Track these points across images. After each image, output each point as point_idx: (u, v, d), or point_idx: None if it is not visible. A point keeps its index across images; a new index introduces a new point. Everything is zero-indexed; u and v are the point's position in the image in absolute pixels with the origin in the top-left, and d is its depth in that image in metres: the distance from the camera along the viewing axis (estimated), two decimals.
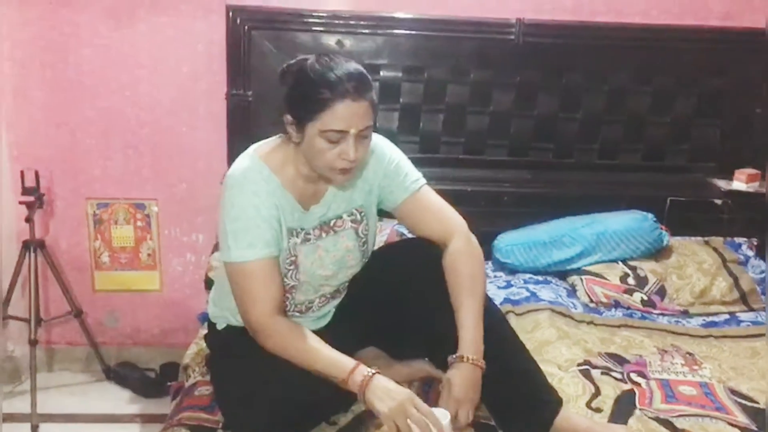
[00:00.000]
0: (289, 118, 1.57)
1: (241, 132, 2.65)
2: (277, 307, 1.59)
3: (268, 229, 1.58)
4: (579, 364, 1.94)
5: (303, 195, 1.67)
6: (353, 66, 1.53)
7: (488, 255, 2.66)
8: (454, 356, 1.56)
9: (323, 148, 1.52)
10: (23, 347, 2.75)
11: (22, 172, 2.61)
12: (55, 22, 2.64)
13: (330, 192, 1.70)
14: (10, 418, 2.64)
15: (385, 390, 1.46)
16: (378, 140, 1.74)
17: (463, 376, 1.54)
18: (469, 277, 1.65)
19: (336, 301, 1.80)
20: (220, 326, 1.79)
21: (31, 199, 2.61)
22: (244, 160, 1.64)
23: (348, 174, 1.59)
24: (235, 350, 1.68)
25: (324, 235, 1.70)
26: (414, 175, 1.77)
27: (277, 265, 1.61)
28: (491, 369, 1.56)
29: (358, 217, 1.75)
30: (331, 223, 1.71)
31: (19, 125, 2.73)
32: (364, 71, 1.54)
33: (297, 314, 1.73)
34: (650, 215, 2.59)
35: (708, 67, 2.77)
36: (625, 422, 1.67)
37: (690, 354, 2.08)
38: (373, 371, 1.49)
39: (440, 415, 1.47)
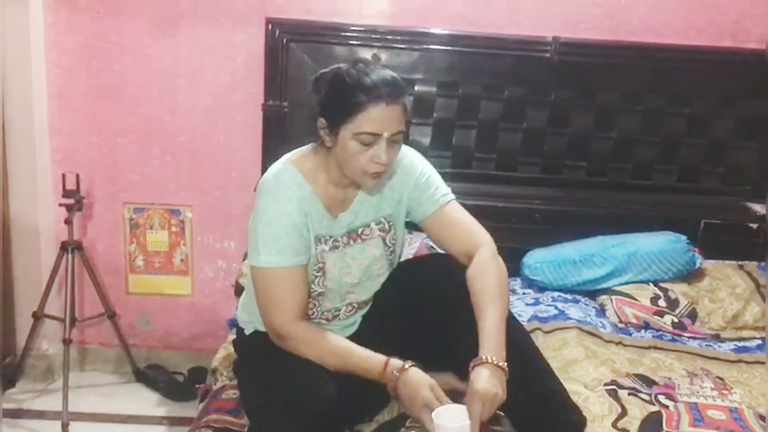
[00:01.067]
0: (323, 122, 1.61)
1: (277, 142, 2.69)
2: (301, 314, 1.63)
3: (298, 238, 1.61)
4: (606, 384, 1.93)
5: (332, 202, 1.70)
6: (388, 72, 1.59)
7: (517, 272, 2.67)
8: (475, 360, 1.54)
9: (356, 152, 1.56)
10: (57, 346, 2.80)
11: (63, 175, 2.68)
12: (102, 31, 2.72)
13: (358, 200, 1.73)
14: (42, 415, 2.70)
15: (414, 382, 1.50)
16: (409, 152, 1.78)
17: (485, 375, 1.50)
18: (494, 287, 1.65)
19: (363, 311, 1.82)
20: (248, 331, 1.82)
21: (71, 201, 2.68)
22: (278, 166, 1.69)
23: (379, 178, 1.62)
24: (261, 355, 1.70)
25: (352, 242, 1.72)
26: (443, 189, 1.79)
27: (304, 274, 1.64)
28: (513, 385, 1.55)
29: (386, 226, 1.77)
30: (359, 231, 1.73)
31: (63, 130, 2.81)
32: (398, 78, 1.59)
33: (324, 322, 1.75)
34: (683, 237, 2.57)
35: (745, 90, 2.74)
36: None
37: (720, 378, 2.05)
38: (410, 363, 1.52)
39: (461, 413, 1.47)
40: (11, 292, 2.83)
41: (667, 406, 1.85)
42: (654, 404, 1.86)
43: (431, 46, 2.71)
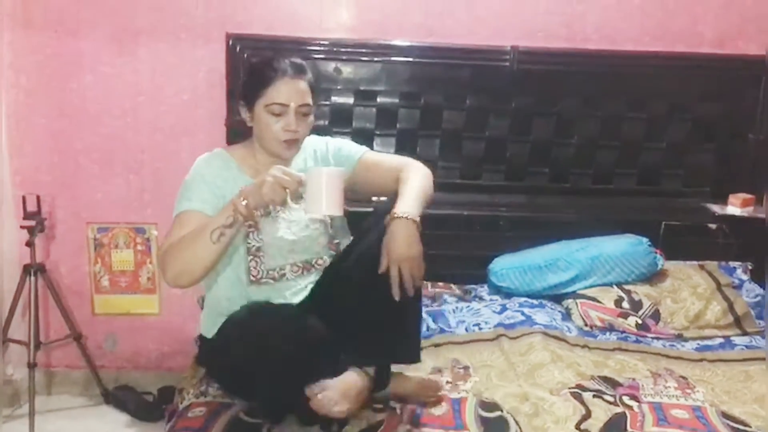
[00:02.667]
0: (242, 102, 1.86)
1: None
2: None
3: (207, 191, 1.78)
4: (570, 388, 1.95)
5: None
6: (294, 58, 1.84)
7: (484, 278, 2.70)
8: (388, 216, 1.69)
9: (269, 122, 1.79)
10: (23, 370, 2.76)
11: (23, 197, 2.65)
12: (59, 49, 2.70)
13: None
14: None
15: (250, 187, 1.63)
16: (315, 138, 2.00)
17: (397, 232, 1.65)
18: (416, 173, 1.84)
19: (311, 277, 1.88)
20: (210, 335, 1.85)
21: (33, 223, 2.64)
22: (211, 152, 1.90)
23: (293, 147, 1.83)
24: (224, 338, 1.77)
25: (289, 210, 1.84)
26: (360, 147, 1.99)
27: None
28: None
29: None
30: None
31: (23, 151, 2.78)
32: (303, 62, 1.84)
33: (271, 281, 1.84)
34: (645, 239, 2.62)
35: (701, 94, 2.81)
36: None
37: (683, 377, 2.09)
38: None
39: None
40: None
41: (631, 407, 1.88)
42: (618, 405, 1.88)
43: (393, 58, 2.74)
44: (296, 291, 1.87)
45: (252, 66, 1.89)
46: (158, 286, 2.95)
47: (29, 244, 2.64)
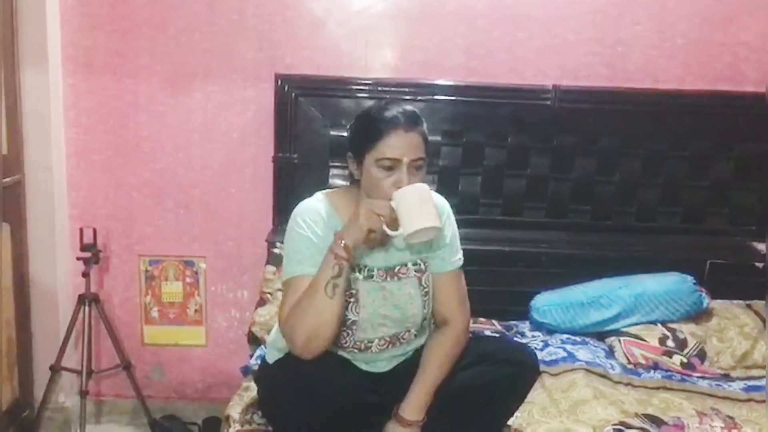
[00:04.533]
0: (350, 154, 1.76)
1: (287, 193, 2.77)
2: None
3: (318, 254, 1.69)
4: (614, 425, 1.94)
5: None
6: (408, 106, 1.74)
7: (525, 315, 2.70)
8: (397, 410, 1.75)
9: (379, 177, 1.67)
10: (74, 398, 2.84)
11: (81, 230, 2.77)
12: (118, 91, 2.83)
13: (396, 238, 1.78)
14: None
15: (346, 225, 1.64)
16: (447, 206, 1.92)
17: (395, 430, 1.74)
18: (449, 356, 1.81)
19: (395, 350, 1.86)
20: (272, 359, 1.87)
21: (88, 255, 2.76)
22: (312, 197, 1.82)
23: None
24: (281, 367, 1.78)
25: (389, 278, 1.80)
26: (460, 253, 1.91)
27: None
28: None
29: (422, 266, 1.85)
30: (396, 269, 1.81)
31: (81, 186, 2.90)
32: (417, 111, 1.73)
33: (356, 351, 1.82)
34: (689, 277, 2.60)
35: (744, 132, 2.80)
36: None
37: (730, 417, 2.06)
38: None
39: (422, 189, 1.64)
40: (30, 345, 2.88)
41: None
42: None
43: (435, 97, 2.79)
44: (376, 361, 1.86)
45: (362, 116, 1.75)
46: (205, 318, 3.03)
47: (85, 274, 2.75)
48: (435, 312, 1.88)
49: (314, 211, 1.76)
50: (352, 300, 1.76)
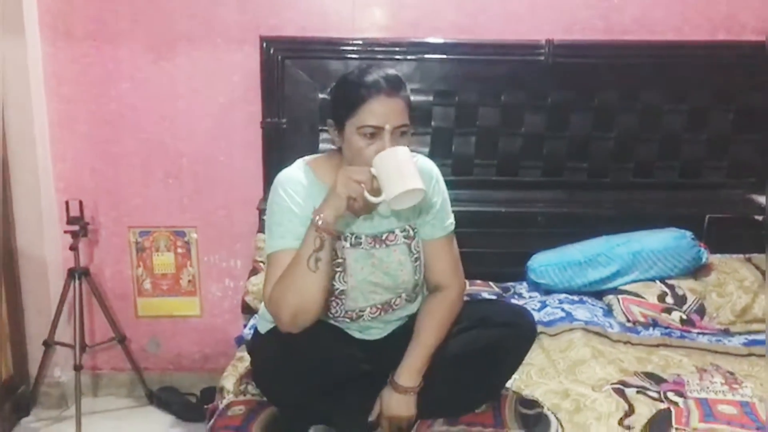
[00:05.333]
0: (330, 121, 1.68)
1: (277, 158, 2.70)
2: None
3: (300, 225, 1.63)
4: (613, 384, 1.91)
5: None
6: (389, 70, 1.65)
7: (523, 276, 2.67)
8: (393, 376, 1.71)
9: (361, 146, 1.60)
10: (69, 373, 2.81)
11: (67, 203, 2.72)
12: (99, 58, 2.75)
13: (382, 204, 1.72)
14: None
15: (325, 198, 1.57)
16: (436, 170, 1.83)
17: (396, 399, 1.69)
18: (444, 320, 1.76)
19: (388, 317, 1.82)
20: (264, 329, 1.83)
21: (76, 228, 2.71)
22: (293, 165, 1.75)
23: None
24: (274, 340, 1.72)
25: (377, 245, 1.75)
26: (451, 217, 1.84)
27: None
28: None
29: (411, 233, 1.79)
30: (384, 236, 1.76)
31: (65, 158, 2.84)
32: (399, 74, 1.64)
33: (347, 321, 1.78)
34: (688, 233, 2.56)
35: (743, 82, 2.73)
36: None
37: (730, 373, 2.03)
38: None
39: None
40: (21, 320, 2.85)
41: (676, 403, 1.84)
42: (663, 401, 1.84)
43: (426, 56, 2.72)
44: (369, 328, 1.82)
45: (341, 81, 1.66)
46: (199, 288, 2.99)
47: (73, 248, 2.70)
48: (427, 279, 1.83)
49: (294, 180, 1.69)
50: (339, 269, 1.71)
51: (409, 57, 2.71)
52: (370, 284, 1.75)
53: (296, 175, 1.71)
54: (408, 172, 1.52)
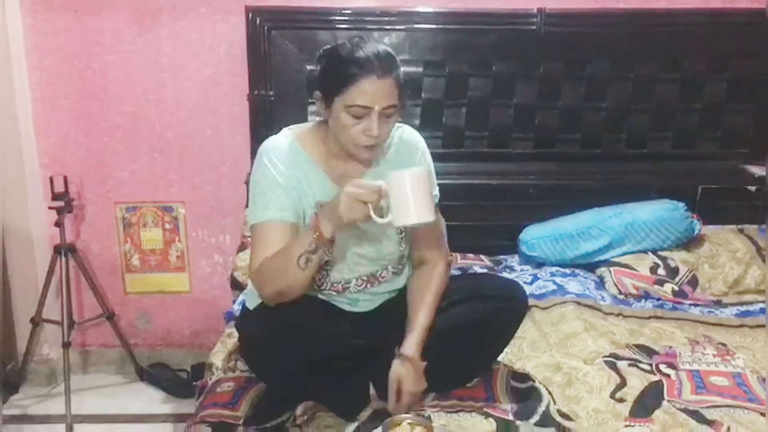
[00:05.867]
0: (318, 93, 1.64)
1: (265, 131, 2.62)
2: None
3: (284, 195, 1.63)
4: (605, 357, 1.90)
5: (335, 173, 1.71)
6: (381, 47, 1.60)
7: (514, 249, 2.65)
8: (402, 351, 1.66)
9: (348, 124, 1.58)
10: (58, 350, 2.79)
11: (51, 178, 2.67)
12: (81, 30, 2.68)
13: (368, 177, 1.72)
14: (46, 419, 2.70)
15: (328, 207, 1.51)
16: (422, 142, 1.82)
17: (409, 373, 1.63)
18: (436, 296, 1.74)
19: (375, 288, 1.80)
20: (252, 305, 1.80)
21: (61, 204, 2.66)
22: (279, 134, 1.72)
23: (371, 151, 1.64)
24: (261, 316, 1.71)
25: None
26: (435, 189, 1.81)
27: (289, 230, 1.64)
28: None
29: None
30: None
31: (49, 132, 2.78)
32: (392, 52, 1.61)
33: (334, 293, 1.76)
34: (681, 204, 2.54)
35: (738, 51, 2.70)
36: (650, 413, 1.63)
37: (722, 344, 2.03)
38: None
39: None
40: (8, 298, 2.82)
41: (668, 375, 1.83)
42: (655, 374, 1.84)
43: (416, 26, 2.67)
44: (356, 300, 1.80)
45: (332, 56, 1.61)
46: (188, 264, 2.96)
47: (58, 224, 2.66)
48: (411, 252, 1.81)
49: (279, 149, 1.67)
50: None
51: (398, 27, 2.66)
52: (355, 255, 1.73)
53: (281, 143, 1.69)
54: (423, 202, 1.45)
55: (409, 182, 1.45)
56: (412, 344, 1.67)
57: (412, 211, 1.44)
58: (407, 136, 1.78)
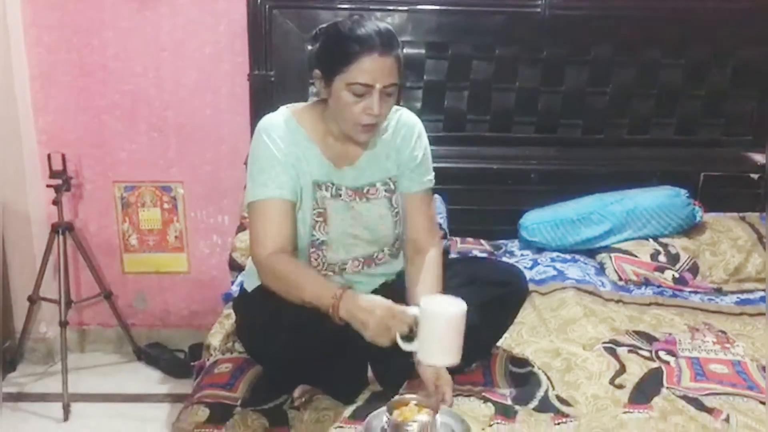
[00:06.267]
0: (317, 72, 1.62)
1: (265, 112, 2.56)
2: (280, 248, 1.61)
3: (282, 173, 1.62)
4: (604, 343, 1.89)
5: (333, 154, 1.70)
6: (382, 24, 1.59)
7: (515, 234, 2.64)
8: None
9: (348, 102, 1.57)
10: (56, 329, 2.79)
11: (49, 156, 2.65)
12: (80, 6, 2.65)
13: (364, 158, 1.72)
14: (43, 398, 2.70)
15: (354, 307, 1.47)
16: (419, 123, 1.79)
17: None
18: (436, 283, 1.71)
19: (371, 270, 1.78)
20: (251, 287, 1.79)
21: (59, 182, 2.64)
22: (276, 112, 1.71)
23: (371, 130, 1.63)
24: (259, 299, 1.70)
25: (357, 199, 1.72)
26: (431, 173, 1.81)
27: (288, 208, 1.64)
28: None
29: (392, 186, 1.76)
30: (365, 190, 1.73)
31: (47, 109, 2.76)
32: (392, 30, 1.59)
33: (330, 274, 1.74)
34: (683, 191, 2.53)
35: (741, 38, 2.67)
36: (649, 400, 1.63)
37: (722, 332, 2.02)
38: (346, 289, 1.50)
39: (457, 306, 1.44)
40: (6, 276, 2.80)
41: (667, 362, 1.82)
42: (654, 360, 1.83)
43: (418, 6, 2.64)
44: (350, 283, 1.74)
45: (332, 33, 1.58)
46: (186, 244, 2.95)
47: (56, 202, 2.64)
48: (405, 236, 1.79)
49: (277, 125, 1.66)
50: (320, 219, 1.68)
51: (400, 7, 2.63)
52: (350, 236, 1.72)
53: (279, 121, 1.68)
54: (452, 344, 1.42)
55: (443, 325, 1.42)
56: None
57: (439, 352, 1.43)
58: (405, 118, 1.77)
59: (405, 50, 2.60)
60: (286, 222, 1.63)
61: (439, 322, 1.42)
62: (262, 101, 2.66)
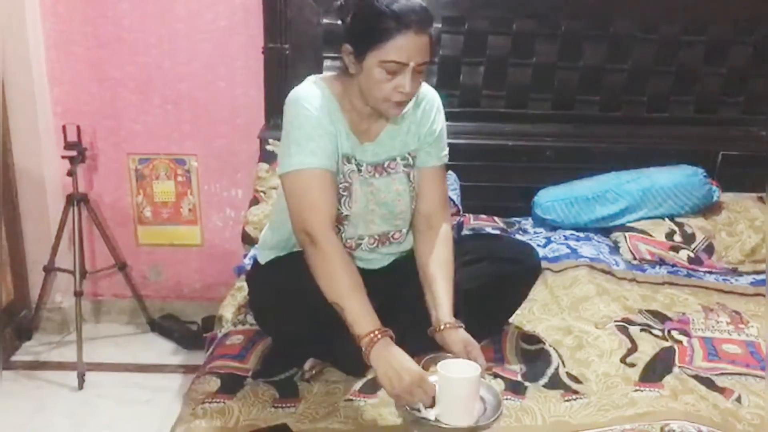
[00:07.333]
0: (348, 47, 1.57)
1: (279, 85, 2.62)
2: (333, 222, 1.58)
3: (329, 143, 1.59)
4: (617, 321, 1.88)
5: (357, 128, 1.67)
6: (417, 0, 1.53)
7: (529, 211, 2.62)
8: (446, 324, 1.61)
9: (381, 79, 1.53)
10: (71, 298, 2.81)
11: (64, 127, 2.65)
12: None
13: (385, 133, 1.70)
14: (59, 366, 2.73)
15: (384, 365, 1.44)
16: (438, 97, 1.77)
17: (468, 336, 1.59)
18: (452, 261, 1.71)
19: (385, 249, 1.78)
20: (264, 260, 1.79)
21: (74, 153, 2.65)
22: (306, 82, 1.66)
23: (401, 108, 1.60)
24: (272, 272, 1.71)
25: (377, 174, 1.70)
26: (446, 149, 1.79)
27: (334, 181, 1.61)
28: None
29: (410, 161, 1.75)
30: (385, 164, 1.71)
31: (63, 80, 2.76)
32: (427, 6, 1.55)
33: (347, 249, 1.72)
34: (700, 170, 2.50)
35: (764, 15, 2.62)
36: (660, 379, 1.62)
37: (737, 312, 2.00)
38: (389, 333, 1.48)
39: (472, 369, 1.46)
40: (21, 245, 2.83)
41: (680, 342, 1.81)
42: (667, 340, 1.82)
43: None
44: (367, 260, 1.77)
45: (366, 8, 1.52)
46: (199, 217, 2.95)
47: (71, 173, 2.65)
48: (417, 210, 1.77)
49: (315, 95, 1.60)
50: (345, 194, 1.66)
51: None
52: (369, 212, 1.71)
53: (316, 91, 1.61)
54: (471, 408, 1.45)
55: (466, 389, 1.44)
56: (449, 312, 1.63)
57: (464, 413, 1.44)
58: (425, 92, 1.74)
59: None
60: (333, 193, 1.60)
61: (462, 387, 1.44)
62: (276, 75, 2.65)
